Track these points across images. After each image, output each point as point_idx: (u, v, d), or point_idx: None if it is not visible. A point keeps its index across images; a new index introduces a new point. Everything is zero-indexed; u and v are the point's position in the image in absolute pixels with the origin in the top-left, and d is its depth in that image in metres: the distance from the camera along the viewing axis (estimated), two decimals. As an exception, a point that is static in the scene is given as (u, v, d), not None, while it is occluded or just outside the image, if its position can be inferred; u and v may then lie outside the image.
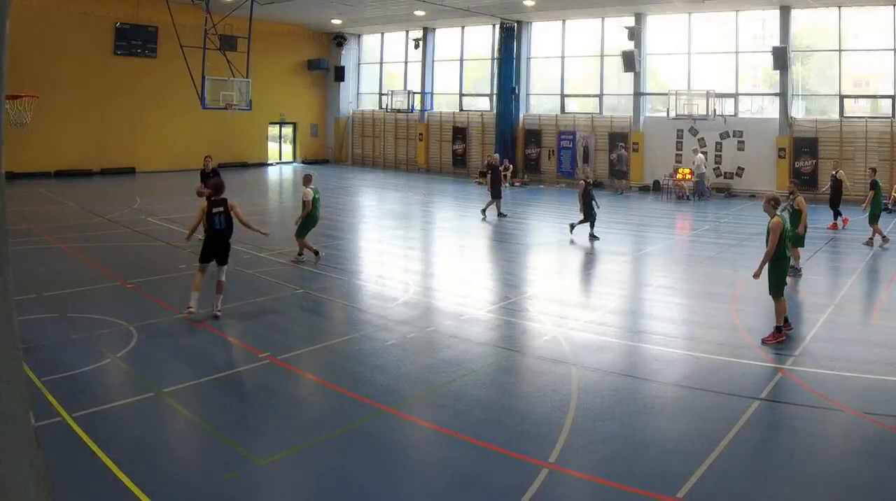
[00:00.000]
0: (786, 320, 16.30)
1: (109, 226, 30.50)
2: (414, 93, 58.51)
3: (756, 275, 16.13)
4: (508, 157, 51.40)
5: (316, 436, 11.14)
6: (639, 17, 48.02)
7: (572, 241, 27.57)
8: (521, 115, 53.96)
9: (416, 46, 58.15)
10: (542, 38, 53.49)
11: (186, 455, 10.86)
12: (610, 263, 24.67)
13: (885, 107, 42.15)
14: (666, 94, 47.26)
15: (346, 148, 65.18)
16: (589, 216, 28.22)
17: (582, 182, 28.35)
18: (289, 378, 13.76)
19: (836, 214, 31.79)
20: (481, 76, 57.12)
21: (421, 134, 59.52)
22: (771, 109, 45.56)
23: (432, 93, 59.34)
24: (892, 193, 38.25)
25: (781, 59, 43.01)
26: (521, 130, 54.00)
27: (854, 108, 43.28)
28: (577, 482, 9.90)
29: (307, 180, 23.11)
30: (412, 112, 58.82)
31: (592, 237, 27.82)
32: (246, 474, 9.96)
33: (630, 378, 13.72)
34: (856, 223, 30.45)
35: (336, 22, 57.80)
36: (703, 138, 46.67)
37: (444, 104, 59.44)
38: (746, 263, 22.58)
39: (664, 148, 47.49)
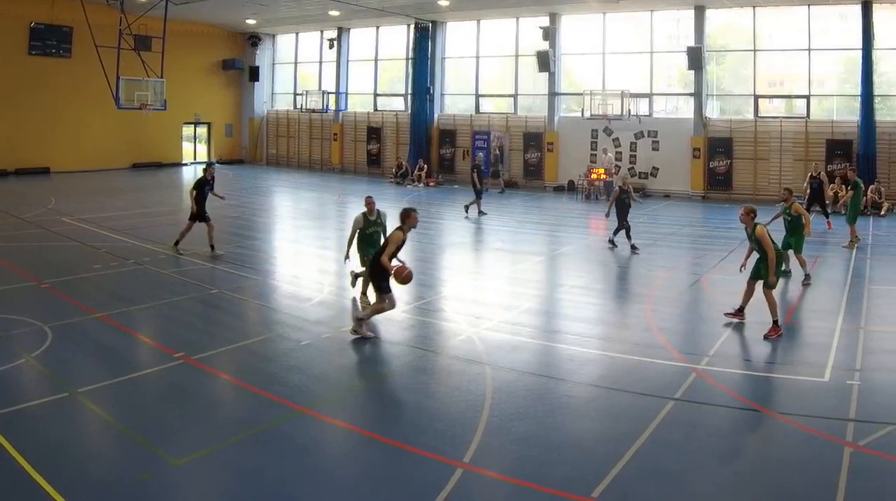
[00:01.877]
0: (742, 309, 16.78)
1: (24, 227, 29.37)
2: (328, 93, 56.01)
3: (774, 284, 15.98)
4: (423, 157, 49.85)
5: (230, 436, 10.76)
6: (553, 17, 46.28)
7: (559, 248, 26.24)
8: (435, 115, 51.97)
9: (331, 46, 55.83)
10: (457, 38, 51.54)
11: (101, 456, 10.49)
12: (525, 263, 23.94)
13: (800, 107, 41.21)
14: (581, 94, 45.18)
15: (261, 148, 62.65)
16: (622, 224, 25.75)
17: (617, 188, 25.98)
18: (203, 378, 13.34)
19: (826, 214, 30.55)
20: (396, 76, 55.24)
21: (335, 134, 57.04)
22: (685, 109, 44.22)
23: (347, 94, 56.77)
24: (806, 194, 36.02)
25: (696, 59, 41.65)
26: (436, 130, 51.94)
27: (769, 108, 42.25)
28: (491, 482, 9.63)
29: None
30: (327, 112, 56.30)
31: (633, 248, 25.41)
32: (160, 474, 9.61)
33: (545, 378, 13.38)
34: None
35: (251, 22, 55.34)
36: (617, 138, 45.10)
37: (358, 104, 56.91)
38: (660, 263, 23.16)
39: (579, 148, 45.67)
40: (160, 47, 42.63)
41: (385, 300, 15.56)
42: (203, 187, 23.92)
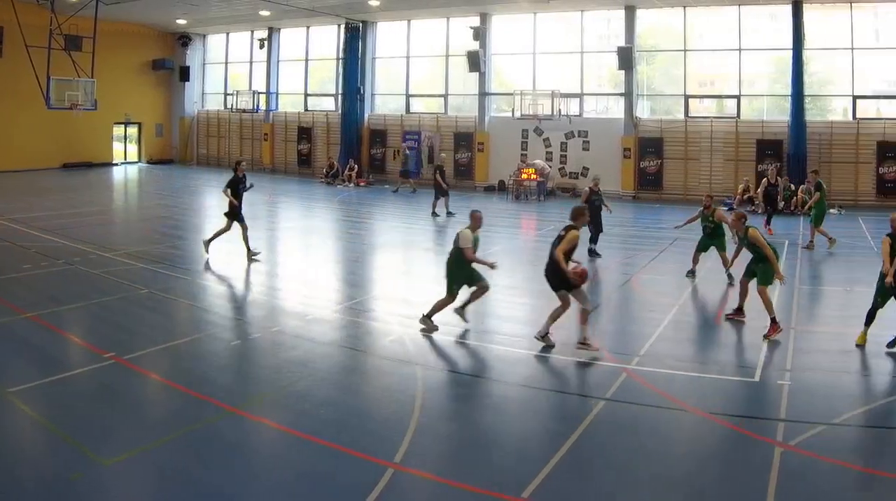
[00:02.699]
0: (741, 309, 16.38)
1: (-47, 227, 28.13)
2: (259, 93, 53.57)
3: (781, 278, 15.78)
4: (353, 157, 47.78)
5: (161, 436, 10.35)
6: (484, 17, 44.40)
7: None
8: (366, 115, 49.79)
9: (262, 46, 53.40)
10: (388, 38, 49.45)
11: (32, 455, 10.11)
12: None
13: (730, 107, 40.05)
14: (511, 94, 43.43)
15: (191, 148, 59.69)
16: (598, 228, 23.92)
17: (587, 189, 24.17)
18: (134, 378, 12.80)
19: (769, 219, 28.33)
20: (327, 76, 52.97)
21: (266, 134, 54.47)
22: (616, 109, 42.68)
23: (277, 94, 54.33)
24: (738, 194, 35.83)
25: (626, 59, 40.17)
26: (366, 130, 49.69)
27: (699, 108, 41.02)
28: (422, 482, 9.33)
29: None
30: (257, 112, 53.79)
31: (593, 253, 23.58)
32: (91, 474, 9.25)
33: (475, 378, 13.11)
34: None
35: (181, 22, 52.85)
36: (548, 138, 43.39)
37: (289, 104, 54.26)
38: (593, 264, 22.20)
39: (509, 148, 43.80)
40: (91, 47, 41.28)
41: (565, 299, 14.57)
42: (237, 186, 22.77)
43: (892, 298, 14.36)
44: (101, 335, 15.19)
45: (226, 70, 58.17)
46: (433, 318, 15.56)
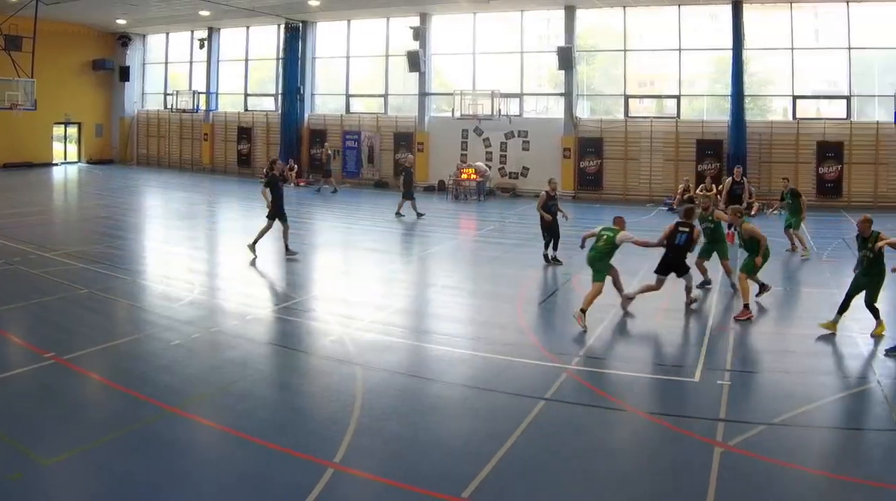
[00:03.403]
0: (746, 306, 16.06)
1: None
2: (199, 93, 51.13)
3: (758, 265, 16.44)
4: (293, 157, 45.34)
5: (101, 436, 9.85)
6: (424, 17, 42.37)
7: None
8: (306, 115, 47.55)
9: (202, 46, 50.90)
10: (328, 37, 47.33)
11: None
12: (395, 263, 22.65)
13: (670, 107, 38.46)
14: (451, 94, 41.55)
15: (131, 148, 56.97)
16: (553, 233, 22.25)
17: (544, 194, 22.52)
18: (74, 378, 12.23)
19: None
20: (266, 76, 50.46)
21: (206, 134, 51.99)
22: (556, 109, 40.87)
23: (217, 94, 51.77)
24: (678, 194, 33.69)
25: (566, 59, 38.45)
26: (306, 130, 47.37)
27: (639, 108, 39.36)
28: (362, 482, 8.92)
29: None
30: (197, 112, 51.32)
31: (554, 261, 22.03)
32: (31, 474, 8.80)
33: (415, 378, 12.60)
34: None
35: (121, 22, 50.45)
36: (488, 138, 41.54)
37: (229, 104, 51.72)
38: (531, 263, 21.79)
39: (449, 148, 41.83)
40: (31, 47, 40.30)
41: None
42: (277, 184, 22.13)
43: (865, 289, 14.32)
44: (40, 335, 14.53)
45: (166, 70, 55.60)
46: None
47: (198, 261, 22.89)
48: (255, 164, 49.07)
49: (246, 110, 50.60)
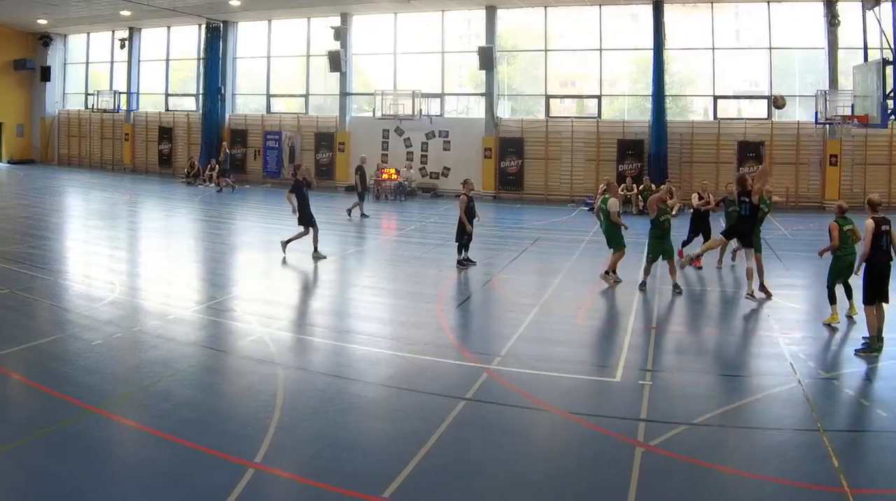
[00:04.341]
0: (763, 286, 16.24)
1: None
2: (120, 93, 47.33)
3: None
4: (214, 157, 41.72)
5: (22, 436, 9.27)
6: (345, 17, 39.30)
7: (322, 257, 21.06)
8: (227, 115, 44.06)
9: (122, 46, 47.19)
10: (249, 38, 44.00)
11: None
12: (315, 264, 20.60)
13: (591, 107, 36.08)
14: (372, 94, 38.65)
15: (53, 148, 52.85)
16: (469, 235, 20.50)
17: (464, 196, 20.39)
18: None
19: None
20: (188, 76, 47.15)
21: (127, 134, 48.23)
22: (477, 109, 38.21)
23: (138, 94, 48.04)
24: (598, 194, 30.53)
25: (487, 59, 35.91)
26: (227, 130, 43.85)
27: (560, 109, 36.99)
28: (283, 481, 8.45)
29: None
30: (118, 112, 47.54)
31: (468, 261, 20.33)
32: None
33: (336, 377, 11.74)
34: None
35: (42, 22, 46.69)
36: (408, 138, 38.62)
37: (150, 104, 48.08)
38: (452, 263, 20.25)
39: (370, 148, 38.25)
40: None
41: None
42: (301, 189, 20.81)
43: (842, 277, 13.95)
44: (-40, 335, 13.71)
45: (87, 70, 51.49)
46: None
47: (119, 261, 21.49)
48: (175, 164, 45.72)
49: (167, 110, 46.98)
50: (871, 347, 12.32)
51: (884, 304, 12.50)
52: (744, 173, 17.64)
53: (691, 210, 20.58)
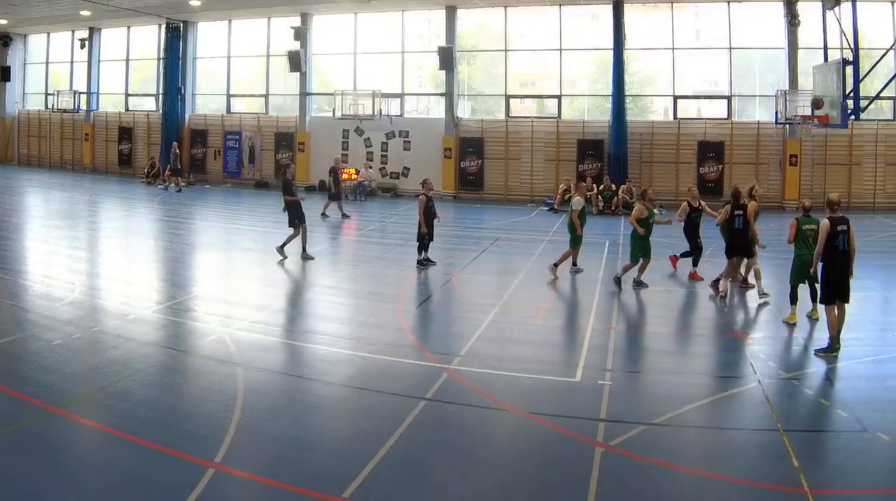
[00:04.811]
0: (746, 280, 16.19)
1: None
2: (80, 93, 45.04)
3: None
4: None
5: None
6: (305, 17, 37.40)
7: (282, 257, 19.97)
8: (187, 115, 41.96)
9: (83, 46, 44.86)
10: (209, 38, 41.89)
11: None
12: (276, 264, 19.75)
13: (551, 107, 34.56)
14: (332, 94, 36.95)
15: (12, 148, 50.46)
16: (430, 236, 19.76)
17: (423, 196, 19.72)
18: None
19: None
20: (148, 76, 44.86)
21: (87, 134, 45.91)
22: (437, 109, 36.44)
23: (98, 94, 45.78)
24: (558, 194, 30.79)
25: (447, 59, 34.32)
26: (187, 130, 41.80)
27: (520, 109, 35.37)
28: (243, 482, 8.12)
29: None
30: (78, 112, 45.20)
31: (428, 261, 19.49)
32: None
33: (296, 378, 11.40)
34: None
35: (2, 22, 44.42)
36: (368, 138, 36.79)
37: (110, 104, 45.79)
38: (412, 263, 19.55)
39: (330, 148, 36.56)
40: None
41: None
42: (292, 188, 20.21)
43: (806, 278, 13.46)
44: (-85, 336, 13.28)
45: (47, 70, 49.04)
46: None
47: (79, 261, 20.77)
48: (135, 164, 43.54)
49: (127, 110, 44.69)
50: (832, 347, 11.88)
51: (845, 305, 12.00)
52: (738, 187, 16.45)
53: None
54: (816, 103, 18.87)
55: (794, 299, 13.59)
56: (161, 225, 27.68)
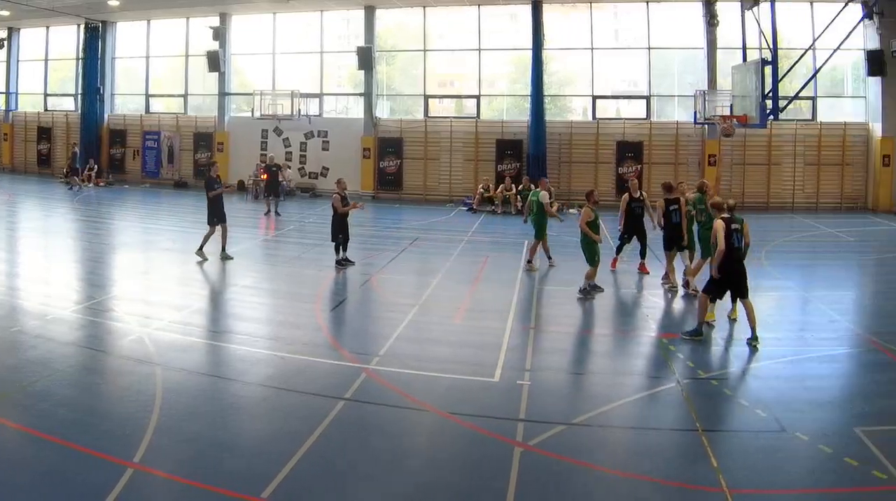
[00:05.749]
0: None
1: None
2: None
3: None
4: (93, 157, 36.01)
5: None
6: (224, 17, 33.71)
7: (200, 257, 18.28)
8: (106, 115, 37.75)
9: (1, 46, 40.16)
10: (128, 37, 37.76)
11: None
12: (193, 264, 18.04)
13: (470, 107, 31.48)
14: (251, 94, 33.28)
15: None
16: (346, 235, 18.25)
17: (337, 195, 18.12)
18: None
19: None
20: (66, 76, 40.57)
21: (6, 134, 41.42)
22: (356, 109, 33.03)
23: (17, 93, 41.38)
24: (476, 194, 28.33)
25: (366, 59, 31.15)
26: (106, 130, 37.67)
27: (439, 109, 32.28)
28: (162, 482, 7.41)
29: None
30: None
31: (346, 261, 17.91)
32: None
33: (215, 378, 10.42)
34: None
35: None
36: (287, 138, 33.18)
37: (28, 104, 41.46)
38: (329, 264, 17.79)
39: (249, 148, 33.39)
40: None
41: None
42: (214, 186, 18.30)
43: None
44: None
45: (-36, 70, 44.86)
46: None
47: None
48: (54, 164, 39.19)
49: (46, 110, 40.27)
50: (698, 331, 11.66)
51: (748, 300, 11.48)
52: (669, 181, 15.76)
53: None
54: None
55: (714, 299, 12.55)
56: (80, 225, 25.28)
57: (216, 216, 18.14)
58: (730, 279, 11.41)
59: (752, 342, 11.25)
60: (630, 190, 16.57)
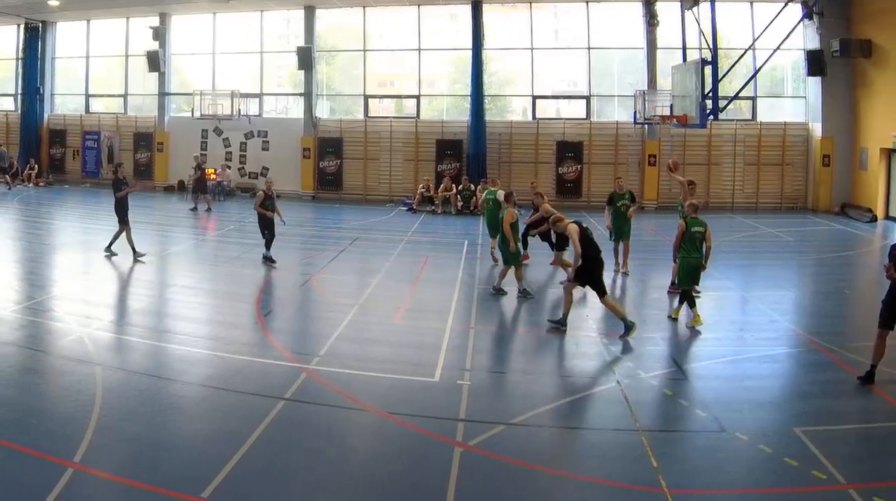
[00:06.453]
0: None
1: None
2: None
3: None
4: (34, 157, 33.21)
5: None
6: (163, 17, 31.11)
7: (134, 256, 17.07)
8: (45, 116, 34.74)
9: None
10: (68, 37, 34.83)
11: None
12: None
13: (410, 107, 29.44)
14: (191, 94, 30.57)
15: None
16: (273, 233, 17.15)
17: (261, 193, 17.16)
18: None
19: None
20: (6, 76, 37.42)
21: None
22: (296, 109, 30.71)
23: None
24: (417, 194, 26.47)
25: (306, 59, 28.94)
26: (46, 130, 34.70)
27: (379, 109, 30.04)
28: (102, 482, 6.97)
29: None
30: None
31: (268, 260, 16.82)
32: None
33: (155, 378, 9.79)
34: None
35: None
36: (227, 138, 30.63)
37: None
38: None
39: (189, 148, 30.50)
40: None
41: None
42: (121, 186, 17.07)
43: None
44: None
45: None
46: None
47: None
48: (-7, 165, 36.32)
49: (-15, 110, 37.76)
50: (562, 323, 11.48)
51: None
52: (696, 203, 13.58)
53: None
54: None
55: (691, 303, 11.74)
56: (19, 224, 23.73)
57: (119, 215, 17.21)
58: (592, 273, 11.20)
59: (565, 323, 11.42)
60: (616, 189, 15.83)
